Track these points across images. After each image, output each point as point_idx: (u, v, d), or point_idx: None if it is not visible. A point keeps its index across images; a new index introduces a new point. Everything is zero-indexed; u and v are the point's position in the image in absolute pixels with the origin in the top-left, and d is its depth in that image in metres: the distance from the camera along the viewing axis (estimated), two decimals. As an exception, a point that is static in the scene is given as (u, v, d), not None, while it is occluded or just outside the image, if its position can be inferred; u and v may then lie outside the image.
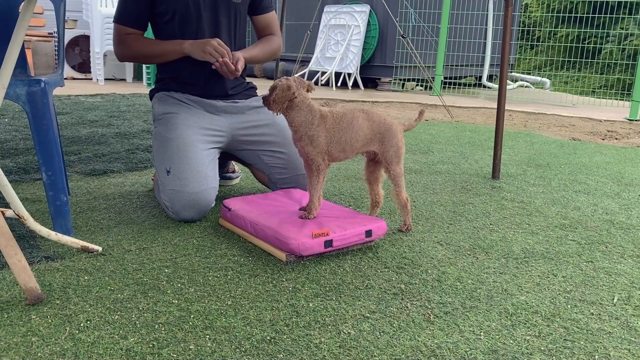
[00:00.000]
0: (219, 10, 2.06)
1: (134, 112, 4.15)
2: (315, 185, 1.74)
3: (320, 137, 1.70)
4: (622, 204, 2.31)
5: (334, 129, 1.72)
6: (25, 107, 1.60)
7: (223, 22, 2.08)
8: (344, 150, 1.74)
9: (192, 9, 2.01)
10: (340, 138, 1.72)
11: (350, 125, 1.73)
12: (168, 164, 1.90)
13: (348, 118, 1.73)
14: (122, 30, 2.04)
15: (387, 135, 1.77)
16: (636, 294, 1.48)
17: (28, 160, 2.64)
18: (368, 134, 1.76)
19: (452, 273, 1.56)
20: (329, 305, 1.35)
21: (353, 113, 1.75)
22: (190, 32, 2.03)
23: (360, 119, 1.75)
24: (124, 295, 1.36)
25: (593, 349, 1.20)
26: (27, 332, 1.19)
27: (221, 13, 2.07)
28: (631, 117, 5.05)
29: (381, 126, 1.77)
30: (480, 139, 3.79)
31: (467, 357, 1.15)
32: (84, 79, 6.51)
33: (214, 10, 2.05)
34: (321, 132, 1.70)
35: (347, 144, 1.74)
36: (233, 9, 2.09)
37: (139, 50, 2.05)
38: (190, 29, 2.03)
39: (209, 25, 2.05)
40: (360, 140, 1.75)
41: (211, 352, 1.14)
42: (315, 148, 1.71)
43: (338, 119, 1.73)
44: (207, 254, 1.64)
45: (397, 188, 1.83)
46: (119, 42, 2.06)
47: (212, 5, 2.04)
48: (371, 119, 1.77)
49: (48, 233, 1.52)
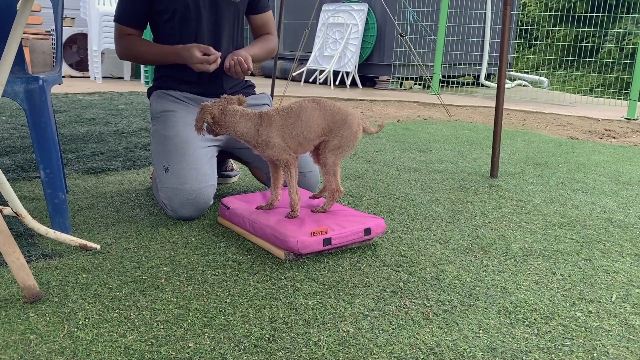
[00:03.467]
0: (219, 10, 2.05)
1: (132, 111, 4.14)
2: (290, 181, 1.73)
3: (272, 137, 1.68)
4: (620, 202, 2.32)
5: (283, 126, 1.69)
6: (23, 104, 1.60)
7: (222, 22, 2.08)
8: (300, 144, 1.72)
9: (191, 9, 2.00)
10: (292, 132, 1.69)
11: (299, 119, 1.69)
12: (166, 161, 1.90)
13: (295, 112, 1.70)
14: (122, 30, 2.04)
15: (339, 125, 1.72)
16: (634, 292, 1.48)
17: (26, 158, 2.64)
18: (321, 123, 1.71)
19: (451, 271, 1.56)
20: (327, 303, 1.35)
21: (300, 106, 1.71)
22: (189, 32, 2.02)
23: (310, 110, 1.70)
24: (122, 293, 1.36)
25: (592, 346, 1.20)
26: (25, 330, 1.18)
27: (221, 12, 2.06)
28: (629, 116, 5.06)
29: (335, 115, 1.72)
30: (478, 137, 3.79)
31: (466, 354, 1.15)
32: (81, 77, 6.50)
33: (213, 10, 2.04)
34: (272, 132, 1.68)
35: (302, 137, 1.70)
36: (232, 9, 2.09)
37: (138, 53, 2.07)
38: (189, 28, 2.02)
39: (208, 25, 2.05)
40: (313, 131, 1.70)
41: (210, 349, 1.14)
42: (274, 149, 1.70)
43: (285, 115, 1.70)
44: (206, 252, 1.64)
45: (327, 175, 1.74)
46: (120, 42, 2.06)
47: (211, 5, 2.03)
48: (324, 108, 1.72)
49: (46, 231, 1.51)
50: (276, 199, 1.81)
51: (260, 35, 2.25)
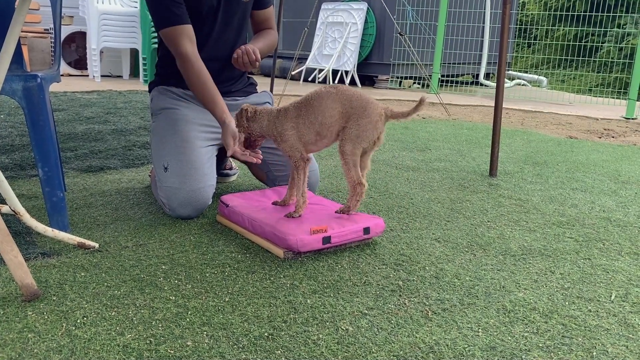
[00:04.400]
0: (231, 10, 2.04)
1: (131, 109, 4.14)
2: (297, 183, 1.73)
3: (287, 130, 1.69)
4: (619, 201, 2.32)
5: (297, 117, 1.69)
6: (22, 102, 1.59)
7: (233, 23, 2.07)
8: (318, 133, 1.68)
9: (205, 9, 1.97)
10: (307, 121, 1.67)
11: (312, 105, 1.67)
12: (166, 160, 1.89)
13: (309, 100, 1.68)
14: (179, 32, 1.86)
15: (358, 112, 1.65)
16: (634, 290, 1.48)
17: (24, 156, 2.63)
18: (337, 107, 1.66)
19: (450, 270, 1.56)
20: (326, 301, 1.35)
21: (315, 92, 1.69)
22: (202, 33, 1.98)
23: (324, 95, 1.67)
24: (120, 292, 1.36)
25: (591, 345, 1.20)
26: (23, 329, 1.18)
27: (232, 13, 2.05)
28: (627, 116, 5.06)
29: (354, 101, 1.66)
30: (477, 136, 3.79)
31: (465, 353, 1.15)
32: (80, 76, 6.49)
33: (226, 10, 2.03)
34: (287, 125, 1.69)
35: (317, 124, 1.67)
36: (242, 9, 2.08)
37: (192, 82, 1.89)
38: (203, 29, 1.99)
39: (221, 26, 2.03)
40: (329, 116, 1.66)
41: (209, 348, 1.13)
42: (286, 142, 1.70)
43: (299, 106, 1.69)
44: (205, 250, 1.64)
45: (346, 165, 1.67)
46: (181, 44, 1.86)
47: (225, 6, 2.01)
48: (341, 92, 1.66)
49: (44, 229, 1.51)
50: (290, 198, 1.81)
51: (261, 29, 2.24)
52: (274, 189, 2.00)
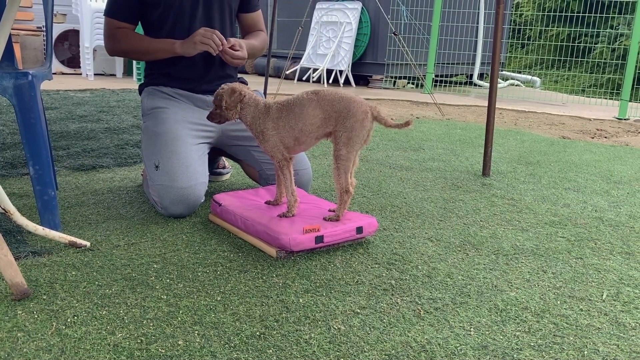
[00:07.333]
0: (212, 7, 2.04)
1: (124, 108, 4.12)
2: (285, 183, 1.72)
3: (268, 129, 1.68)
4: (611, 201, 2.33)
5: (278, 119, 1.67)
6: (12, 100, 1.58)
7: (216, 18, 2.07)
8: (296, 139, 1.67)
9: (185, 4, 1.99)
10: (287, 126, 1.66)
11: (293, 112, 1.66)
12: (157, 159, 1.88)
13: (291, 105, 1.67)
14: (113, 24, 2.02)
15: (343, 114, 1.63)
16: (625, 290, 1.49)
17: (15, 154, 2.61)
18: (319, 114, 1.64)
19: (443, 269, 1.56)
20: (319, 300, 1.35)
21: (297, 98, 1.67)
22: (182, 28, 2.01)
23: (306, 102, 1.65)
24: (112, 291, 1.35)
25: (582, 344, 1.21)
26: (12, 328, 1.17)
27: (214, 9, 2.05)
28: (620, 116, 5.09)
29: (336, 104, 1.64)
30: (470, 136, 3.80)
31: (457, 352, 1.15)
32: (73, 74, 6.46)
33: (207, 6, 2.03)
34: (268, 124, 1.68)
35: (297, 131, 1.66)
36: (226, 5, 2.08)
37: (130, 46, 2.03)
38: (182, 24, 2.01)
39: (201, 21, 2.03)
40: (310, 124, 1.65)
41: (200, 347, 1.13)
42: (267, 142, 1.69)
43: (282, 108, 1.68)
44: (197, 249, 1.63)
45: (337, 170, 1.66)
46: (110, 37, 2.03)
47: (205, 2, 2.02)
48: (322, 98, 1.65)
49: (35, 228, 1.50)
50: (281, 197, 1.81)
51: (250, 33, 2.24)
52: (267, 188, 2.00)
